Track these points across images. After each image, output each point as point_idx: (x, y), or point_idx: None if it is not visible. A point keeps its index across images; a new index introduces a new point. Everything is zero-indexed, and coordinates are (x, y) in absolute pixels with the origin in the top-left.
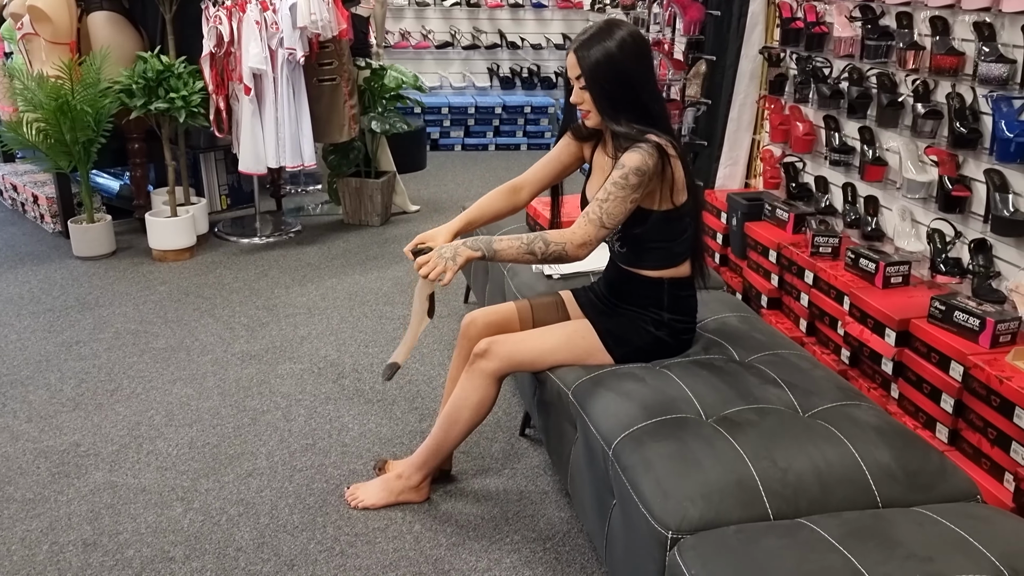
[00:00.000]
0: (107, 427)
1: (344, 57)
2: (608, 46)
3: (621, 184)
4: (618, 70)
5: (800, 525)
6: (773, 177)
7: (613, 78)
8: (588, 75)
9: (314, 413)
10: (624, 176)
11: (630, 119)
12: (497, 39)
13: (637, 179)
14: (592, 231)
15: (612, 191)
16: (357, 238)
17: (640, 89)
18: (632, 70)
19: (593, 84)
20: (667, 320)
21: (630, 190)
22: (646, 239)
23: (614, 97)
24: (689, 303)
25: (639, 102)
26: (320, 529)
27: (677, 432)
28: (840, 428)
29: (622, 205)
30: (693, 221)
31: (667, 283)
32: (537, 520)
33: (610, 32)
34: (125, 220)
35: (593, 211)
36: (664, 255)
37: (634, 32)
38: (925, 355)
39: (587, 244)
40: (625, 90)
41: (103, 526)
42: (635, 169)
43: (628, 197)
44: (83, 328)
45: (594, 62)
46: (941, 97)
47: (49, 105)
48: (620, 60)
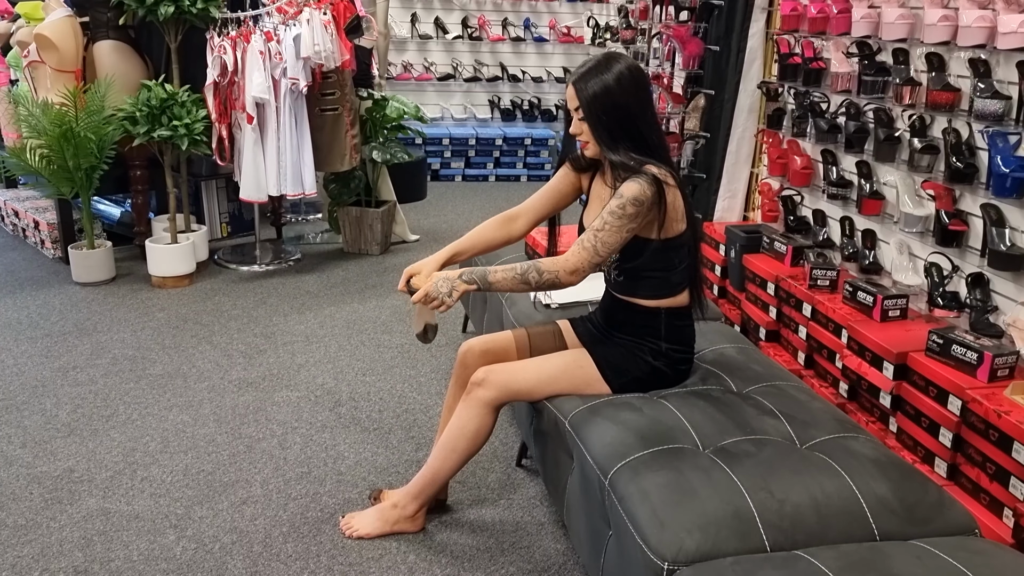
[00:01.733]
0: (102, 453)
1: (347, 87)
2: (606, 79)
3: (618, 214)
4: (615, 102)
5: (797, 557)
6: (771, 210)
7: (611, 110)
8: (586, 107)
9: (310, 441)
10: (621, 206)
11: (628, 149)
12: (498, 72)
13: (634, 209)
14: (586, 257)
15: (608, 220)
16: (356, 267)
17: (638, 120)
18: (629, 102)
19: (591, 116)
20: (665, 350)
21: (627, 220)
22: (643, 268)
23: (612, 128)
24: (687, 333)
25: (637, 133)
26: (314, 559)
27: (674, 462)
28: (838, 460)
29: (618, 235)
30: (691, 251)
31: (664, 313)
32: (533, 551)
33: (608, 65)
34: (125, 247)
35: (588, 239)
36: (661, 285)
37: (632, 65)
38: (923, 389)
39: (579, 271)
40: (623, 121)
41: (95, 553)
42: (632, 199)
43: (624, 227)
44: (80, 353)
45: (592, 94)
46: (937, 132)
47: (53, 132)
48: (617, 92)
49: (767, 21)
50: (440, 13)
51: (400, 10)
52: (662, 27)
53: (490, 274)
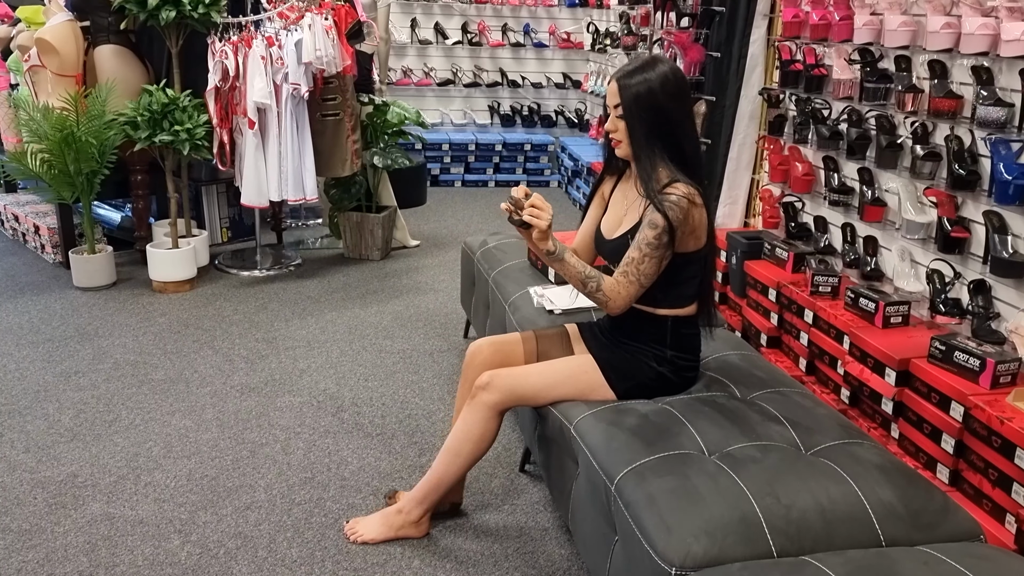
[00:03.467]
0: (105, 458)
1: (348, 93)
2: (650, 79)
3: (655, 244)
4: (657, 104)
5: (805, 563)
6: (772, 216)
7: (651, 111)
8: (627, 105)
9: (313, 446)
10: (657, 236)
11: (662, 153)
12: (498, 77)
13: (668, 236)
14: (633, 292)
15: (647, 252)
16: (357, 272)
17: (675, 126)
18: (671, 107)
19: (630, 114)
20: (670, 357)
21: (663, 248)
22: (660, 281)
23: (649, 130)
24: (692, 341)
25: (673, 140)
26: (318, 564)
27: (680, 468)
28: (843, 466)
29: (657, 264)
30: (706, 265)
31: (671, 321)
32: (537, 557)
33: (653, 66)
34: (126, 251)
35: (632, 272)
36: (672, 296)
37: (676, 70)
38: (925, 395)
39: (626, 306)
40: (661, 125)
41: (100, 558)
42: (667, 228)
43: (663, 255)
44: (82, 359)
45: (635, 93)
46: (940, 139)
47: (54, 136)
48: (660, 94)
49: (769, 27)
50: (440, 18)
51: (400, 15)
52: (663, 33)
53: (568, 252)
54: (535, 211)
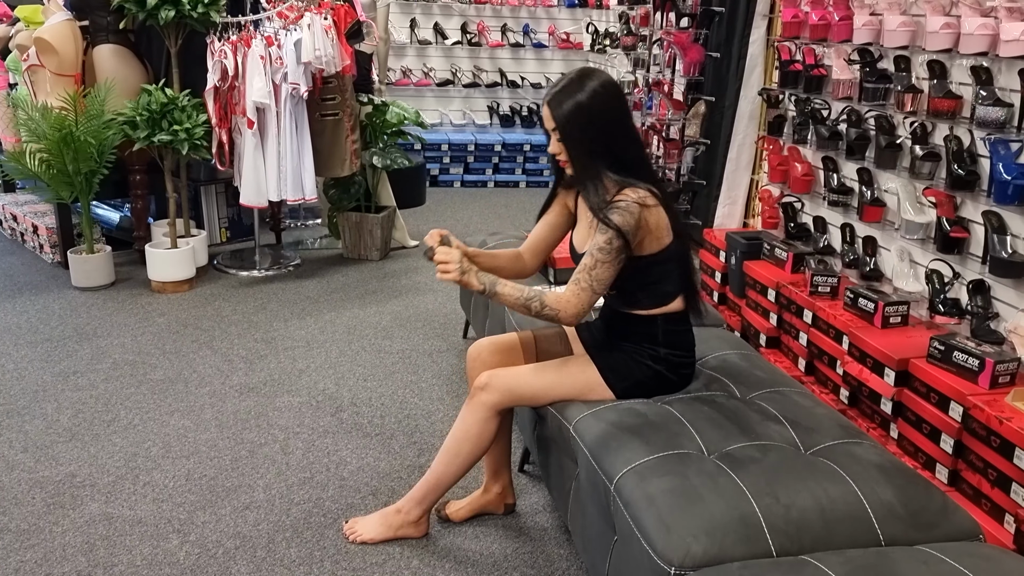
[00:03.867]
0: (104, 458)
1: (347, 93)
2: (579, 98)
3: (606, 249)
4: (591, 121)
5: (804, 562)
6: (771, 217)
7: (586, 128)
8: (561, 127)
9: (312, 446)
10: (608, 241)
11: (606, 168)
12: (497, 78)
13: (621, 242)
14: (585, 299)
15: (599, 257)
16: (356, 272)
17: (615, 138)
18: (605, 120)
19: (567, 136)
20: (664, 355)
21: (615, 253)
22: (634, 284)
23: (589, 148)
24: (685, 338)
25: (614, 149)
26: (317, 563)
27: (679, 468)
28: (842, 466)
29: (611, 269)
30: (682, 260)
31: (661, 319)
32: (536, 557)
33: (581, 83)
34: (124, 251)
35: (584, 279)
36: (654, 295)
37: (606, 81)
38: (924, 395)
39: (580, 313)
40: (599, 140)
41: (98, 558)
42: (620, 229)
43: (615, 260)
44: (81, 358)
45: (567, 113)
46: (939, 139)
47: (53, 136)
48: (592, 111)
49: (768, 28)
50: (439, 19)
51: (399, 15)
52: (663, 33)
53: (499, 284)
54: (442, 266)
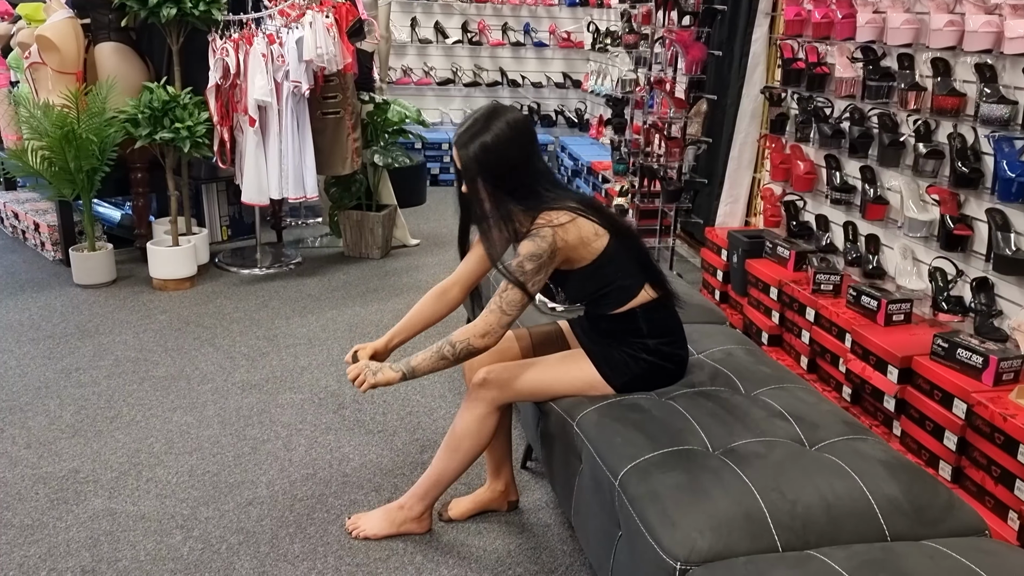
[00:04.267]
0: (106, 454)
1: (348, 91)
2: (484, 139)
3: (519, 272)
4: (498, 161)
5: (810, 557)
6: (773, 215)
7: (493, 168)
8: (468, 169)
9: (315, 443)
10: (519, 264)
11: (517, 200)
12: (498, 77)
13: (533, 264)
14: (493, 320)
15: (512, 279)
16: (357, 270)
17: (522, 175)
18: (511, 158)
19: (476, 177)
20: (654, 346)
21: (531, 275)
22: (591, 291)
23: (499, 185)
24: (669, 323)
25: (524, 185)
26: (321, 559)
27: (684, 463)
28: (847, 462)
29: (519, 292)
30: (628, 253)
31: (639, 312)
32: (539, 552)
33: (487, 123)
34: (126, 249)
35: (494, 301)
36: (617, 294)
37: (512, 120)
38: (928, 392)
39: (490, 333)
40: (508, 177)
41: (102, 553)
42: (528, 256)
43: (527, 282)
44: (83, 355)
45: (473, 156)
46: (942, 137)
47: (54, 133)
48: (498, 151)
49: (770, 26)
50: (440, 17)
51: (400, 14)
52: (665, 31)
53: (414, 360)
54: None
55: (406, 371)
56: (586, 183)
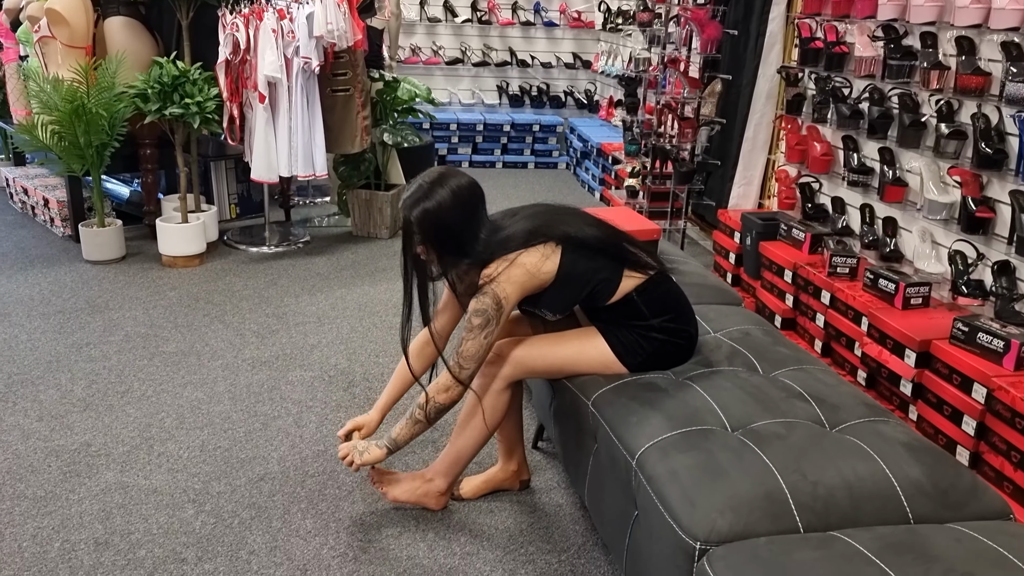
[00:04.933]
0: (118, 428)
1: (358, 68)
2: (426, 206)
3: (468, 327)
4: (442, 226)
5: (834, 538)
6: (788, 197)
7: (437, 233)
8: (416, 234)
9: (325, 420)
10: (469, 320)
11: (468, 257)
12: (507, 57)
13: (480, 320)
14: (453, 374)
15: (464, 336)
16: (366, 250)
17: (466, 236)
18: (452, 225)
19: (423, 241)
20: (659, 325)
21: (478, 330)
22: (571, 300)
23: (446, 248)
24: (667, 299)
25: (470, 240)
26: (333, 535)
27: (703, 443)
28: (869, 444)
29: (475, 344)
30: (588, 253)
31: (634, 296)
32: (552, 532)
33: (431, 190)
34: (135, 226)
35: (452, 358)
36: (602, 288)
37: (456, 187)
38: (947, 377)
39: (451, 386)
40: (451, 242)
41: (115, 526)
42: (475, 311)
43: (479, 336)
44: (93, 330)
45: (417, 222)
46: (965, 118)
47: (64, 108)
48: (439, 217)
49: (788, 4)
50: None
51: None
52: (680, 10)
53: (393, 431)
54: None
55: (390, 445)
56: (596, 165)
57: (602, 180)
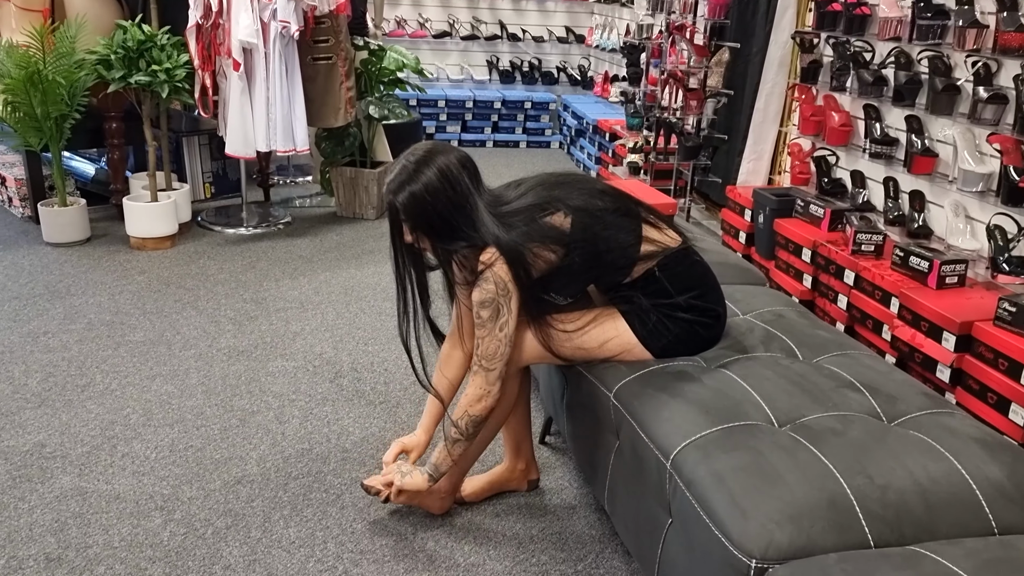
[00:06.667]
0: (77, 426)
1: (341, 35)
2: (413, 189)
3: (479, 323)
4: (432, 209)
5: (919, 555)
6: (802, 172)
7: (426, 217)
8: (406, 219)
9: (310, 415)
10: (477, 315)
11: (462, 240)
12: (497, 30)
13: (489, 311)
14: (481, 381)
15: (478, 333)
16: (351, 231)
17: (458, 219)
18: (446, 205)
19: (414, 227)
20: (685, 303)
21: (491, 322)
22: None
23: (439, 234)
24: (693, 273)
25: (463, 223)
26: (320, 545)
27: (749, 441)
28: (937, 440)
29: (492, 340)
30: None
31: (656, 270)
32: (565, 538)
33: (417, 171)
34: (101, 207)
35: (475, 362)
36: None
37: (443, 166)
38: (991, 361)
39: (485, 394)
40: (444, 222)
41: (70, 538)
42: (480, 303)
43: (494, 329)
44: (52, 318)
45: (404, 207)
46: (1005, 80)
47: (18, 75)
48: (431, 200)
49: None
50: None
51: None
52: None
53: (434, 458)
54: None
55: (432, 473)
56: (591, 143)
57: (598, 159)
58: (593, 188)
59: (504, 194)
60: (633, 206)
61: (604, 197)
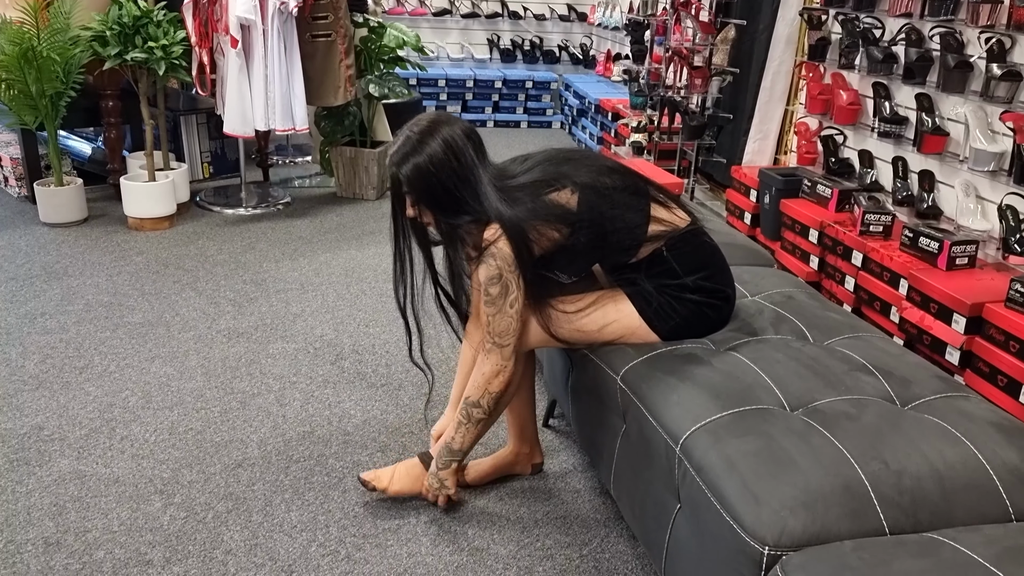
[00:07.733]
0: (75, 409)
1: (341, 11)
2: (418, 162)
3: (488, 301)
4: (436, 182)
5: (936, 542)
6: (808, 152)
7: (431, 190)
8: (409, 191)
9: (311, 397)
10: (485, 292)
11: (465, 213)
12: (498, 8)
13: (497, 288)
14: (496, 357)
15: (487, 311)
16: (352, 212)
17: (465, 185)
18: (450, 177)
19: (418, 199)
20: (693, 283)
21: (499, 298)
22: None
23: (441, 205)
24: (701, 253)
25: (467, 196)
26: (322, 529)
27: (761, 426)
28: (953, 424)
29: (503, 317)
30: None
31: (664, 250)
32: (570, 522)
33: (420, 143)
34: (98, 186)
35: (487, 340)
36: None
37: (447, 138)
38: (1003, 344)
39: (500, 371)
40: (448, 194)
41: (68, 523)
42: (488, 280)
43: (503, 306)
44: (50, 299)
45: (408, 178)
46: (1020, 57)
47: (11, 52)
48: (435, 172)
49: None
50: None
51: None
52: None
53: (453, 444)
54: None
55: (455, 458)
56: (593, 123)
57: (600, 139)
58: (601, 165)
59: (509, 168)
60: (642, 184)
61: (612, 175)
